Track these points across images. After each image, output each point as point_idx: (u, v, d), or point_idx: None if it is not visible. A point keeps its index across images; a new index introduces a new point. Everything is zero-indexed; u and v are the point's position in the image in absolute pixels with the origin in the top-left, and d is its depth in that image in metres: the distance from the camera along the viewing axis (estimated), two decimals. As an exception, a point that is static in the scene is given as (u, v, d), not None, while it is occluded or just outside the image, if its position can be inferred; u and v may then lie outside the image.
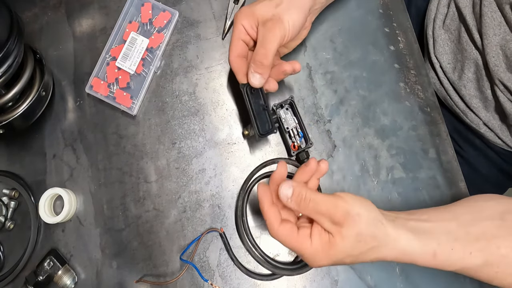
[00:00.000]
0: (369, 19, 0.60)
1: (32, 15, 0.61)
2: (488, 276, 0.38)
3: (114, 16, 0.60)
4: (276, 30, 0.43)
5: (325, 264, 0.38)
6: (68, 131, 0.57)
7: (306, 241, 0.37)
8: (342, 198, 0.37)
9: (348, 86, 0.58)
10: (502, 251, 0.38)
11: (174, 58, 0.59)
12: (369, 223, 0.37)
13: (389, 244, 0.37)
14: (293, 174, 0.54)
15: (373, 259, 0.38)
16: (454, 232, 0.39)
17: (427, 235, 0.38)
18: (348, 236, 0.36)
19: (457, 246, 0.38)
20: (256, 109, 0.47)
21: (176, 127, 0.57)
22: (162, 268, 0.53)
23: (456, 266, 0.38)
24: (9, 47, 0.45)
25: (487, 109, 0.62)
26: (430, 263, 0.38)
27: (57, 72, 0.59)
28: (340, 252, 0.37)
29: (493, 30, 0.55)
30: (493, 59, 0.56)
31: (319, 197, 0.37)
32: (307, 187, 0.38)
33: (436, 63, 0.66)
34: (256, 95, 0.47)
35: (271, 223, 0.39)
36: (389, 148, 0.56)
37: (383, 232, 0.37)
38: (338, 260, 0.37)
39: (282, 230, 0.38)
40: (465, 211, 0.42)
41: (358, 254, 0.37)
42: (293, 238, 0.38)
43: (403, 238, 0.37)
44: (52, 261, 0.51)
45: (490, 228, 0.39)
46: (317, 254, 0.37)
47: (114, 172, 0.56)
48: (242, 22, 0.45)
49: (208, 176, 0.55)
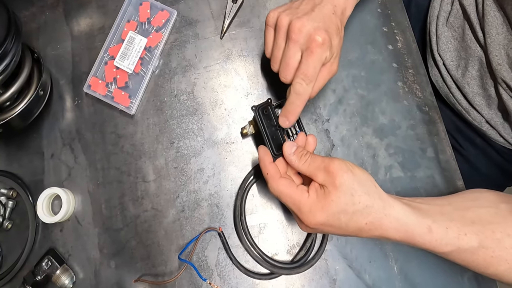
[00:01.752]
0: (368, 19, 0.60)
1: (30, 14, 0.61)
2: (484, 261, 0.38)
3: (112, 15, 0.60)
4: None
5: (321, 219, 0.38)
6: (66, 130, 0.57)
7: (304, 193, 0.39)
8: (339, 158, 0.40)
9: (347, 86, 0.58)
10: (497, 235, 0.38)
11: (172, 58, 0.59)
12: (363, 181, 0.38)
13: (383, 207, 0.37)
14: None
15: (369, 226, 0.37)
16: (449, 214, 0.39)
17: (422, 211, 0.39)
18: (341, 186, 0.37)
19: (452, 225, 0.38)
20: (269, 129, 0.47)
21: (174, 127, 0.57)
22: (161, 267, 0.53)
23: (452, 246, 0.38)
24: (7, 47, 0.45)
25: (490, 107, 0.62)
26: (426, 238, 0.37)
27: (55, 72, 0.59)
28: (334, 203, 0.37)
29: (495, 29, 0.55)
30: (496, 58, 0.56)
31: (318, 155, 0.41)
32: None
33: (439, 61, 0.66)
34: (268, 116, 0.48)
35: (272, 175, 0.41)
36: (387, 147, 0.56)
37: (377, 194, 0.38)
38: (334, 214, 0.37)
39: (283, 181, 0.40)
40: (460, 199, 0.42)
41: (353, 213, 0.37)
42: (292, 190, 0.39)
43: (397, 206, 0.38)
44: (50, 261, 0.51)
45: (485, 215, 0.39)
46: (313, 206, 0.38)
47: (112, 171, 0.56)
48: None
49: (206, 176, 0.55)
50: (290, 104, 0.44)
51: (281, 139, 0.47)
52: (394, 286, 0.51)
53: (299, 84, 0.43)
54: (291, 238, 0.53)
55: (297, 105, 0.44)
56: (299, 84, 0.43)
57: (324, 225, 0.38)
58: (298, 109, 0.44)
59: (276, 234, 0.53)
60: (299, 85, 0.43)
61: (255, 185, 0.55)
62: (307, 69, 0.42)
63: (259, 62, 0.59)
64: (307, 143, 0.45)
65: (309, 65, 0.42)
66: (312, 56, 0.41)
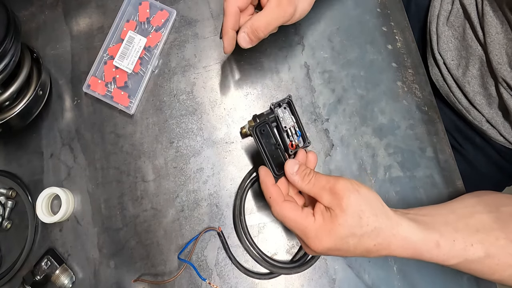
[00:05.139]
0: (367, 18, 0.60)
1: (29, 14, 0.61)
2: (489, 269, 0.39)
3: (111, 15, 0.60)
4: (287, 10, 0.43)
5: (328, 244, 0.36)
6: (65, 130, 0.57)
7: (309, 217, 0.37)
8: (343, 177, 0.38)
9: (346, 85, 0.58)
10: (501, 242, 0.38)
11: (172, 57, 0.59)
12: (370, 201, 0.37)
13: (391, 227, 0.36)
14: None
15: (377, 247, 0.36)
16: (454, 223, 0.39)
17: (428, 226, 0.38)
18: (348, 208, 0.36)
19: (458, 237, 0.38)
20: (269, 149, 0.44)
21: (174, 126, 0.57)
22: (160, 267, 0.53)
23: (459, 258, 0.38)
24: (6, 46, 0.45)
25: (490, 106, 0.62)
26: (433, 253, 0.37)
27: (54, 71, 0.59)
28: (342, 226, 0.35)
29: (495, 28, 0.55)
30: (496, 57, 0.56)
31: (321, 174, 0.39)
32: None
33: (439, 60, 0.66)
34: (267, 135, 0.44)
35: (275, 198, 0.39)
36: (387, 147, 0.56)
37: (384, 214, 0.37)
38: (342, 238, 0.36)
39: (287, 204, 0.38)
40: (462, 206, 0.42)
41: (361, 235, 0.36)
42: (297, 214, 0.38)
43: (404, 224, 0.37)
44: (50, 261, 0.51)
45: (487, 221, 0.40)
46: (320, 231, 0.36)
47: (112, 171, 0.56)
48: None
49: (206, 175, 0.55)
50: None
51: (282, 157, 0.44)
52: (393, 285, 0.51)
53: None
54: (291, 237, 0.53)
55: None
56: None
57: (331, 249, 0.37)
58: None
59: (276, 233, 0.53)
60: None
61: (255, 184, 0.55)
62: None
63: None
64: (307, 160, 0.44)
65: None
66: None
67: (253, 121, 0.53)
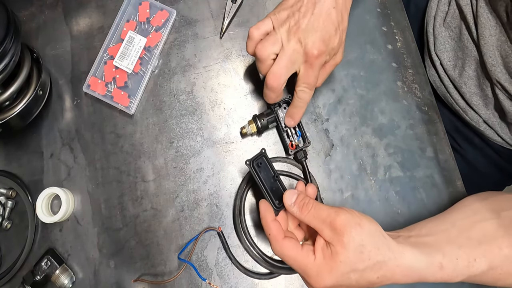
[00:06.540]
0: (367, 18, 0.60)
1: (29, 14, 0.61)
2: (493, 279, 0.39)
3: (111, 15, 0.60)
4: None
5: (330, 282, 0.36)
6: (65, 130, 0.57)
7: (310, 255, 0.37)
8: (344, 209, 0.37)
9: (346, 85, 0.58)
10: (504, 251, 0.38)
11: (172, 57, 0.59)
12: (371, 234, 0.36)
13: (394, 259, 0.36)
14: (290, 172, 0.54)
15: (380, 279, 0.36)
16: (456, 240, 0.39)
17: (431, 248, 0.38)
18: (349, 244, 0.35)
19: (461, 254, 0.37)
20: (267, 182, 0.44)
21: (174, 126, 0.57)
22: (160, 267, 0.53)
23: (463, 276, 0.37)
24: (6, 46, 0.45)
25: (487, 107, 0.62)
26: (437, 276, 0.37)
27: (54, 71, 0.59)
28: (343, 263, 0.35)
29: (489, 30, 0.55)
30: (490, 59, 0.56)
31: (321, 205, 0.38)
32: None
33: (436, 61, 0.66)
34: (265, 167, 0.45)
35: (275, 235, 0.39)
36: (387, 147, 0.56)
37: (386, 246, 0.36)
38: (343, 275, 0.36)
39: (287, 242, 0.38)
40: (461, 216, 0.42)
41: (363, 270, 0.35)
42: (297, 252, 0.37)
43: (408, 253, 0.36)
44: (50, 261, 0.51)
45: (489, 229, 0.39)
46: (321, 270, 0.36)
47: (112, 171, 0.56)
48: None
49: (206, 175, 0.55)
50: (295, 107, 0.48)
51: (281, 189, 0.44)
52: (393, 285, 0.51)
53: (303, 91, 0.45)
54: (291, 237, 0.53)
55: (301, 107, 0.48)
56: (303, 92, 0.45)
57: (333, 286, 0.36)
58: (302, 110, 0.49)
59: (276, 233, 0.53)
60: (302, 92, 0.45)
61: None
62: (308, 78, 0.44)
63: (258, 61, 0.59)
64: (306, 193, 0.43)
65: (309, 76, 0.44)
66: (312, 68, 0.43)
67: (253, 121, 0.53)
